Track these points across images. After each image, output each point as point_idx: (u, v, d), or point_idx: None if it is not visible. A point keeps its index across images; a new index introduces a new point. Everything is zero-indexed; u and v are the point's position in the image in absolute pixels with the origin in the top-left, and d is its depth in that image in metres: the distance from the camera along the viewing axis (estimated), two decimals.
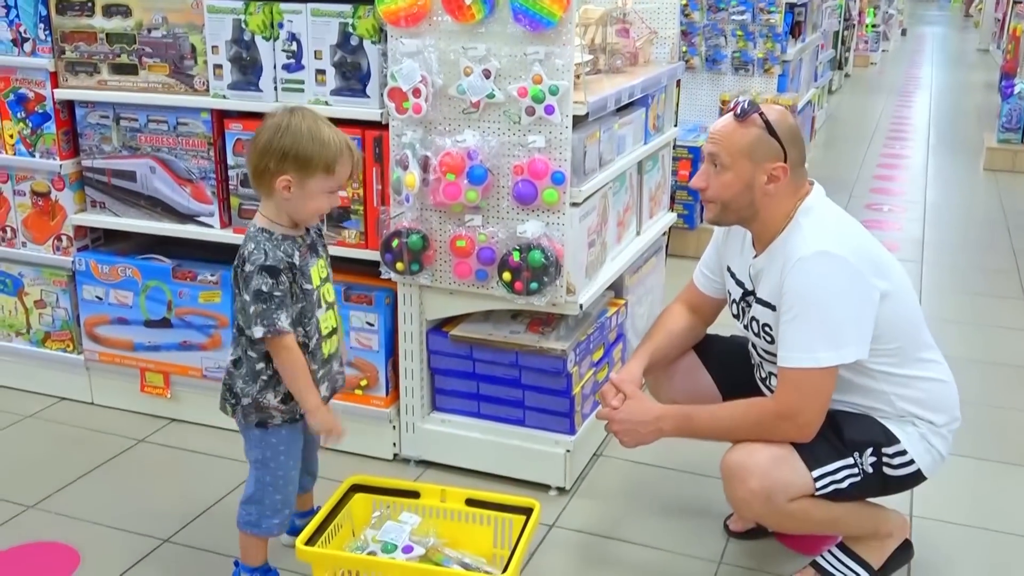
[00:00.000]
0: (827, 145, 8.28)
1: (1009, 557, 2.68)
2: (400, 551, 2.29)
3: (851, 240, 2.29)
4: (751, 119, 2.27)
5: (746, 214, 2.33)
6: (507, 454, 2.91)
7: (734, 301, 2.51)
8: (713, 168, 2.32)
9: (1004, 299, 4.70)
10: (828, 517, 2.37)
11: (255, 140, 2.15)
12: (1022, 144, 7.42)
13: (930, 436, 2.34)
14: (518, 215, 2.66)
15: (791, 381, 2.24)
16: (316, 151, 2.11)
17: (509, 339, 2.84)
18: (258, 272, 2.11)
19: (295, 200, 2.15)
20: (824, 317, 2.20)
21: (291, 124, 2.11)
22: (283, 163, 2.11)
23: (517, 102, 2.56)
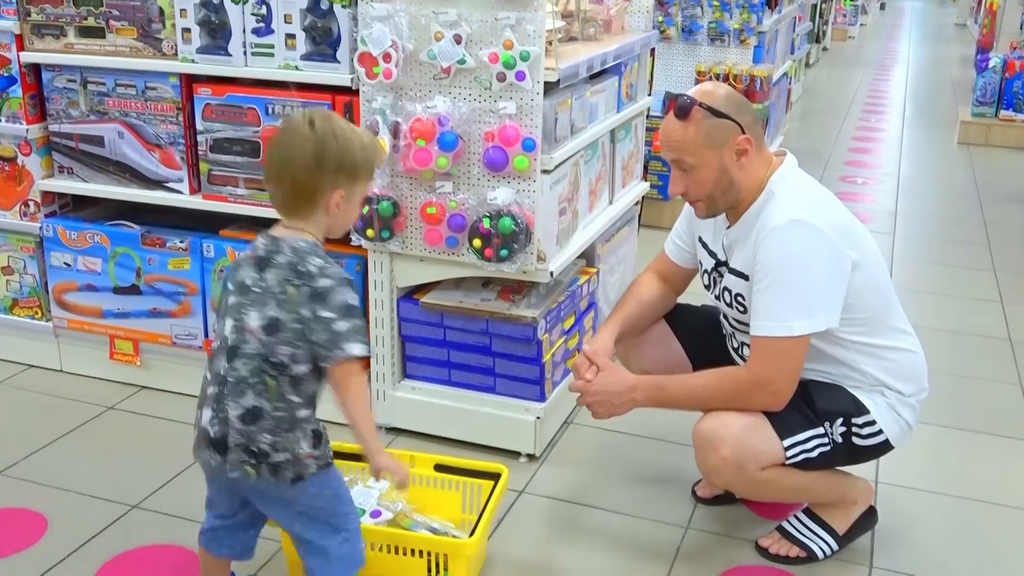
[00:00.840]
0: (804, 118, 8.30)
1: (971, 522, 2.72)
2: (368, 515, 2.30)
3: (824, 210, 2.30)
4: (693, 112, 2.25)
5: (733, 195, 2.32)
6: (478, 421, 2.92)
7: (706, 271, 2.52)
8: (682, 171, 2.31)
9: (974, 271, 4.74)
10: (797, 485, 2.40)
11: (291, 156, 1.88)
12: (996, 118, 7.46)
13: (898, 406, 2.37)
14: (489, 182, 2.65)
15: (764, 350, 2.25)
16: (363, 157, 1.93)
17: (480, 306, 2.84)
18: (341, 285, 1.87)
19: (343, 213, 1.95)
20: (797, 286, 2.21)
21: (333, 132, 1.89)
22: (338, 176, 1.90)
23: (488, 68, 2.55)
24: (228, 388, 1.89)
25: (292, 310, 1.86)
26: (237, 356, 1.88)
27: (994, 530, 2.68)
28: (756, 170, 2.32)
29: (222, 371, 1.90)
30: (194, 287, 3.09)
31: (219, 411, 1.90)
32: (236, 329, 1.89)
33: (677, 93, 2.31)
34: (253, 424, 1.87)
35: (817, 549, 2.50)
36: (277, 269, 1.88)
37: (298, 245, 1.90)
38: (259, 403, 1.87)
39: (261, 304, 1.88)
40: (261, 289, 1.89)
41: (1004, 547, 2.61)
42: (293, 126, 1.91)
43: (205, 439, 1.93)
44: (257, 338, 1.87)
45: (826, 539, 2.51)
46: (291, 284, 1.87)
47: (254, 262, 1.92)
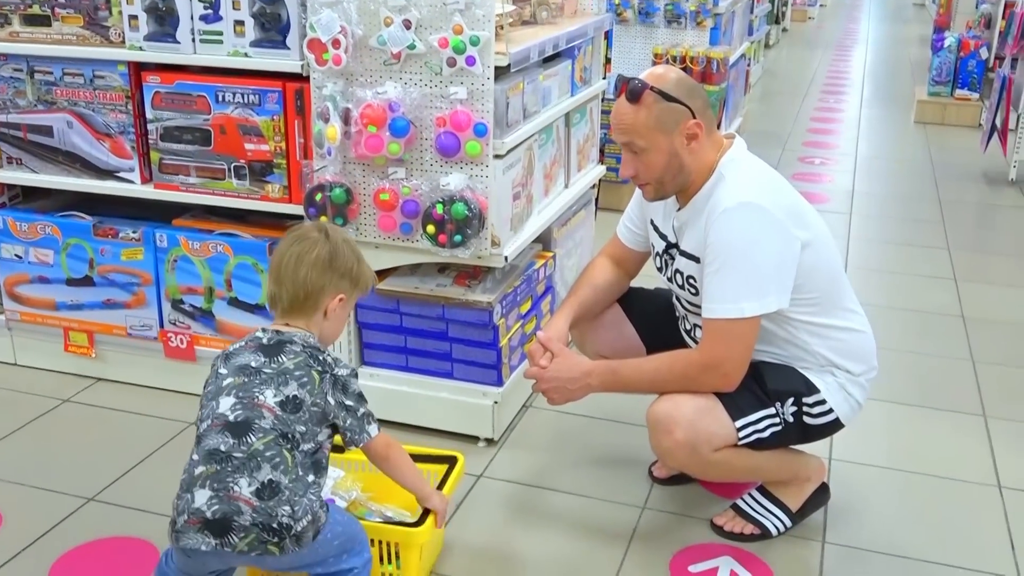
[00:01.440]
0: (763, 99, 8.35)
1: (923, 496, 2.77)
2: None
3: (773, 192, 2.31)
4: (644, 96, 2.26)
5: (683, 179, 2.33)
6: (436, 407, 2.93)
7: (658, 254, 2.54)
8: (633, 154, 2.32)
9: (928, 248, 4.80)
10: (750, 465, 2.43)
11: (305, 257, 2.02)
12: (951, 97, 7.54)
13: (848, 385, 2.40)
14: (441, 167, 2.65)
15: (715, 332, 2.27)
16: (365, 268, 2.12)
17: (435, 292, 2.84)
18: (352, 375, 2.03)
19: (336, 320, 2.09)
20: (747, 268, 2.23)
21: (345, 239, 2.10)
22: (342, 281, 2.07)
23: (438, 53, 2.54)
24: (235, 464, 1.85)
25: (315, 393, 1.95)
26: (249, 431, 1.87)
27: (946, 504, 2.73)
28: (706, 154, 2.33)
29: (224, 448, 1.86)
30: (148, 277, 3.07)
31: (220, 490, 1.84)
32: (244, 406, 1.90)
33: (628, 76, 2.31)
34: (271, 499, 1.84)
35: (771, 526, 2.53)
36: (294, 355, 1.97)
37: (308, 341, 2.02)
38: (276, 476, 1.85)
39: (278, 383, 1.93)
40: (274, 370, 1.94)
41: (955, 521, 2.66)
42: (306, 231, 2.08)
43: (199, 521, 1.84)
44: (274, 414, 1.90)
45: (779, 516, 2.54)
46: (313, 369, 1.96)
47: (258, 350, 1.98)
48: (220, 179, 2.89)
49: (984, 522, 2.66)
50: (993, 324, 3.93)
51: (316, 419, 1.95)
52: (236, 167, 2.87)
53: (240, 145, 2.84)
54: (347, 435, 2.02)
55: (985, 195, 5.80)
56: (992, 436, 3.08)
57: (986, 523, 2.65)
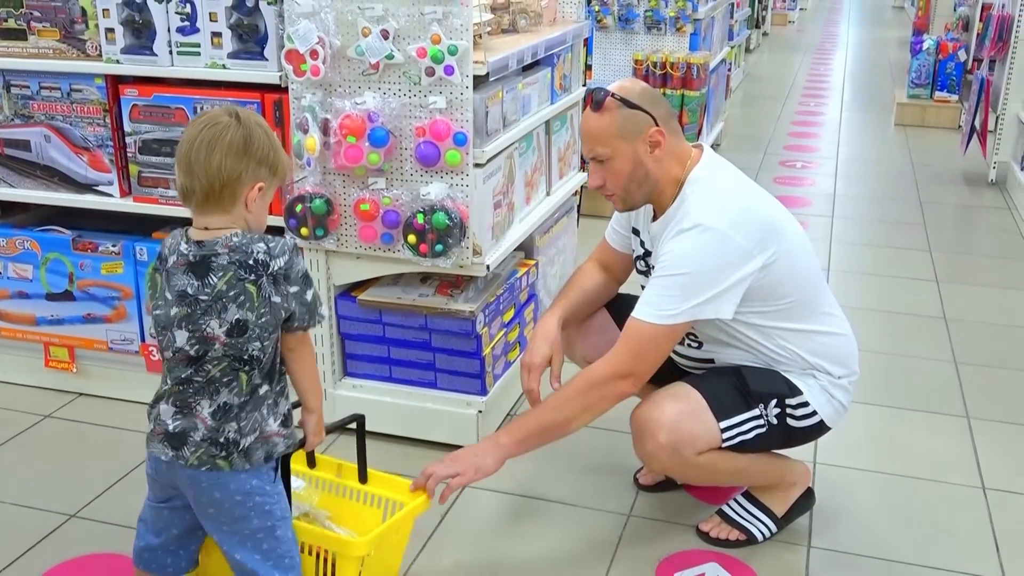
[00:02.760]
0: (744, 103, 8.38)
1: (908, 499, 2.77)
2: None
3: (734, 211, 2.28)
4: (607, 104, 2.28)
5: (648, 188, 2.34)
6: (420, 417, 2.92)
7: (638, 258, 2.54)
8: (599, 163, 2.33)
9: (910, 251, 4.82)
10: (734, 468, 2.43)
11: (217, 142, 1.83)
12: (931, 99, 7.59)
13: (831, 388, 2.41)
14: (421, 177, 2.65)
15: (632, 335, 2.27)
16: (283, 155, 1.94)
17: (418, 302, 2.83)
18: (295, 254, 1.88)
19: (258, 211, 1.91)
20: (683, 278, 2.23)
21: (259, 123, 1.90)
22: (260, 168, 1.87)
23: (416, 63, 2.54)
24: (196, 388, 1.88)
25: (256, 307, 1.84)
26: (206, 361, 1.86)
27: (930, 507, 2.74)
28: (672, 164, 2.33)
29: (184, 375, 1.88)
30: (128, 291, 3.05)
31: (183, 407, 1.89)
32: (197, 340, 1.85)
33: (594, 88, 2.34)
34: (224, 419, 1.88)
35: (756, 532, 2.53)
36: (222, 271, 1.83)
37: (232, 242, 1.84)
38: (230, 399, 1.87)
39: (218, 311, 1.83)
40: (209, 296, 1.83)
41: (941, 523, 2.66)
42: (216, 115, 1.87)
43: (162, 432, 1.91)
44: (222, 343, 1.84)
45: (765, 521, 2.54)
46: (246, 281, 1.83)
47: (187, 268, 1.84)
48: None
49: (969, 524, 2.66)
50: (975, 325, 3.94)
51: (270, 327, 1.86)
52: None
53: None
54: (295, 323, 1.90)
55: (965, 197, 5.83)
56: (975, 437, 3.09)
57: (971, 525, 2.66)
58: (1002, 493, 2.79)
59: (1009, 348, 3.76)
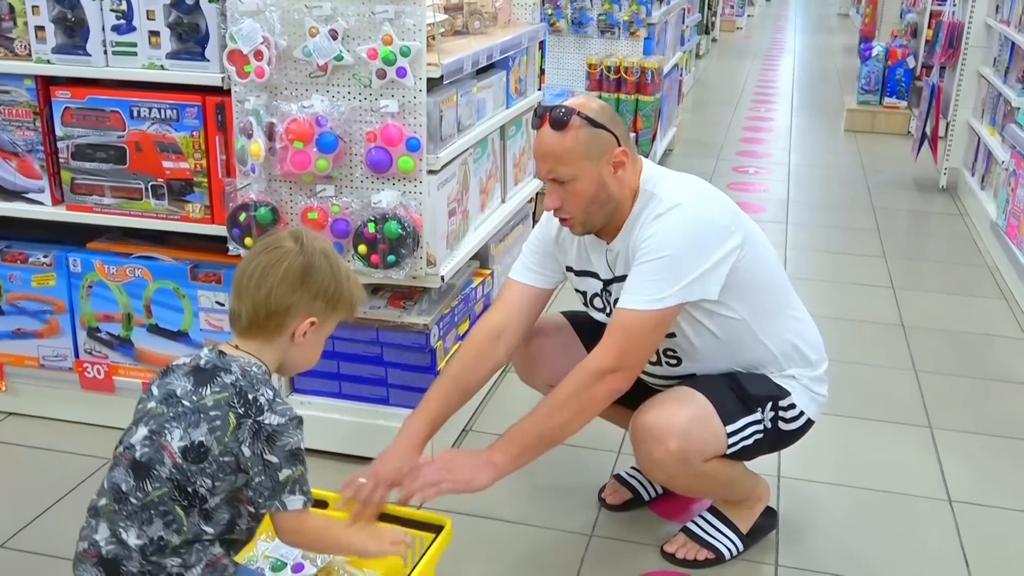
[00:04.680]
0: (695, 109, 8.36)
1: (874, 513, 2.71)
2: (289, 569, 2.11)
3: (704, 190, 2.28)
4: (571, 123, 2.15)
5: (609, 209, 2.23)
6: (372, 434, 2.79)
7: (596, 295, 2.40)
8: (559, 185, 2.19)
9: (865, 257, 4.80)
10: (730, 477, 2.37)
11: (272, 269, 1.71)
12: (880, 105, 7.62)
13: (812, 385, 2.37)
14: (372, 184, 2.53)
15: (620, 326, 2.15)
16: (347, 288, 1.78)
17: (368, 315, 2.71)
18: (294, 426, 1.67)
19: (308, 345, 1.78)
20: (665, 260, 2.13)
21: (323, 251, 1.76)
22: (315, 301, 1.74)
23: (367, 64, 2.42)
24: (129, 511, 1.64)
25: (225, 441, 1.64)
26: (147, 477, 1.64)
27: (897, 521, 2.68)
28: (629, 180, 2.25)
29: (124, 488, 1.65)
30: (61, 305, 2.89)
31: (115, 532, 1.65)
32: (150, 444, 1.65)
33: (550, 105, 2.22)
34: (157, 555, 1.64)
35: (724, 549, 2.45)
36: (219, 389, 1.67)
37: (250, 370, 1.69)
38: (167, 535, 1.64)
39: (188, 423, 1.65)
40: (192, 404, 1.66)
41: (909, 538, 2.60)
42: (278, 239, 1.76)
43: (95, 555, 1.65)
44: (173, 461, 1.63)
45: (732, 539, 2.46)
46: (233, 411, 1.65)
47: (191, 372, 1.71)
48: (137, 199, 2.73)
49: (937, 539, 2.60)
50: (933, 332, 3.92)
51: (229, 470, 1.66)
52: (154, 186, 2.71)
53: (158, 163, 2.68)
54: (251, 494, 1.68)
55: (917, 202, 5.84)
56: (939, 448, 3.04)
57: (939, 540, 2.60)
58: (968, 506, 2.74)
59: (967, 356, 3.73)
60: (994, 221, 4.77)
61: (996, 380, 3.54)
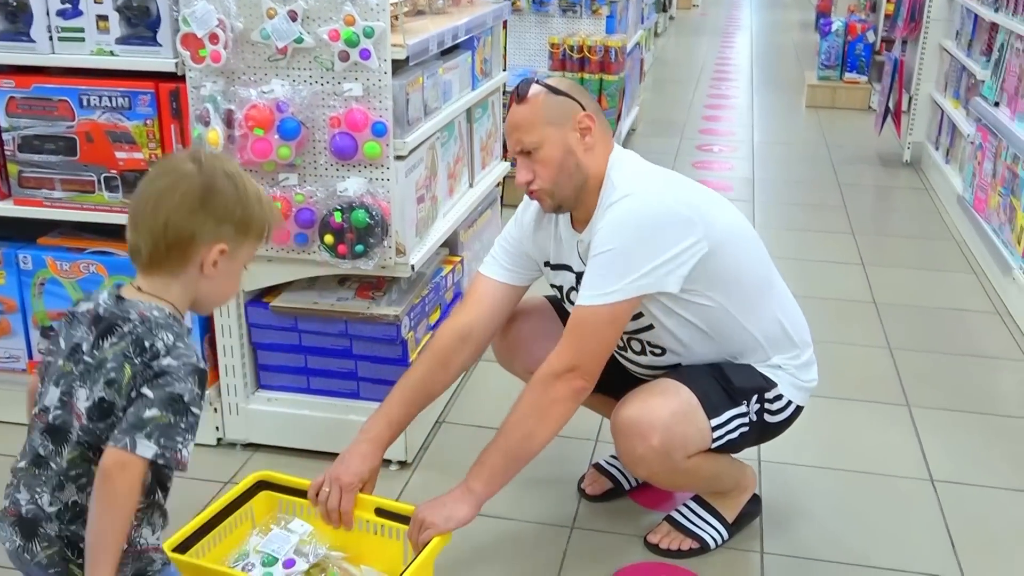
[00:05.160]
0: (656, 88, 8.30)
1: (857, 496, 2.67)
2: (280, 565, 2.03)
3: (660, 179, 2.22)
4: (532, 92, 2.15)
5: (579, 180, 2.16)
6: (342, 430, 2.68)
7: (572, 288, 2.32)
8: (528, 156, 2.15)
9: (834, 234, 4.77)
10: (713, 472, 2.32)
11: (167, 193, 1.55)
12: (841, 81, 7.61)
13: (799, 373, 2.31)
14: (338, 172, 2.43)
15: (573, 325, 2.09)
16: (258, 210, 1.61)
17: (336, 307, 2.61)
18: (189, 373, 1.52)
19: (219, 278, 1.61)
20: (615, 256, 2.06)
21: (225, 170, 1.59)
22: (222, 226, 1.57)
23: (329, 47, 2.32)
24: (47, 475, 1.55)
25: (124, 393, 1.51)
26: (62, 441, 1.55)
27: (881, 503, 2.64)
28: (600, 156, 2.19)
29: (42, 452, 1.56)
30: (12, 304, 2.76)
31: (34, 496, 1.57)
32: (62, 407, 1.56)
33: (518, 82, 2.20)
34: (74, 523, 1.54)
35: (708, 538, 2.40)
36: (119, 341, 1.53)
37: (150, 314, 1.55)
38: (80, 499, 1.53)
39: (91, 380, 1.53)
40: (94, 361, 1.54)
41: (893, 520, 2.57)
42: (173, 162, 1.60)
43: (14, 514, 1.58)
44: (80, 423, 1.53)
45: (717, 527, 2.41)
46: (129, 362, 1.52)
47: (92, 322, 1.57)
48: (89, 192, 2.60)
49: (922, 520, 2.57)
50: (904, 309, 3.89)
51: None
52: (107, 178, 2.58)
53: (110, 154, 2.55)
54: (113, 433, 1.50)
55: (882, 177, 5.83)
56: (918, 427, 3.01)
57: (924, 521, 2.57)
58: (951, 485, 2.71)
59: (940, 332, 3.71)
60: (961, 195, 4.76)
61: (970, 356, 3.52)
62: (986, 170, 4.37)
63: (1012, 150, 4.00)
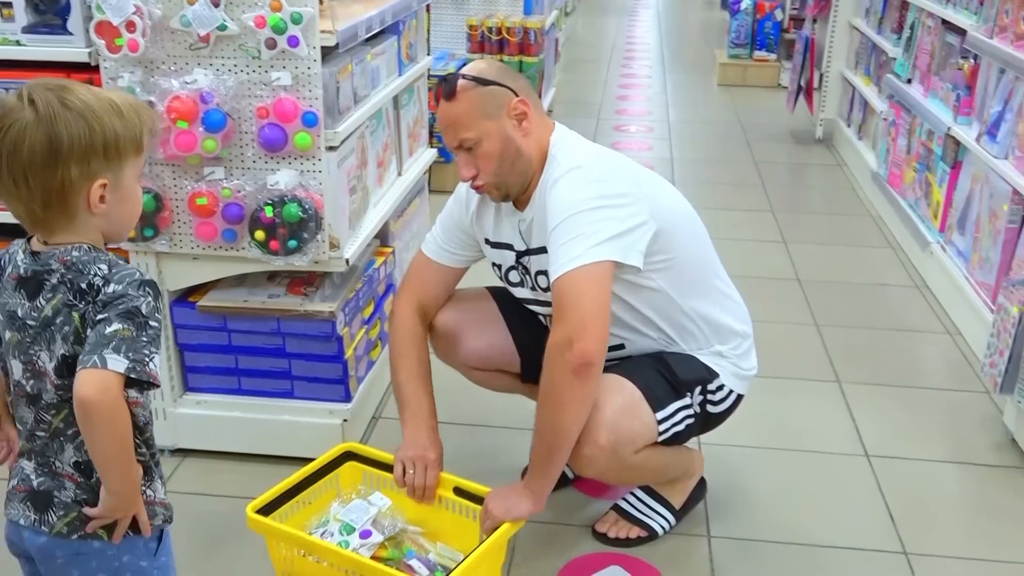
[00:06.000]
0: (569, 68, 8.27)
1: (796, 474, 2.70)
2: (357, 534, 2.07)
3: (606, 158, 2.21)
4: (460, 87, 2.10)
5: (522, 167, 2.14)
6: (277, 431, 2.62)
7: (511, 268, 2.30)
8: (467, 152, 2.12)
9: (753, 212, 4.82)
10: (661, 464, 2.30)
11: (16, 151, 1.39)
12: (751, 59, 7.70)
13: (740, 362, 2.32)
14: (267, 164, 2.33)
15: (561, 296, 2.01)
16: (121, 125, 1.44)
17: (268, 304, 2.52)
18: (137, 287, 1.43)
19: (116, 207, 1.48)
20: (579, 220, 2.02)
21: (64, 103, 1.40)
22: (89, 163, 1.41)
23: (255, 33, 2.22)
24: (44, 444, 1.52)
25: (82, 340, 1.43)
26: (45, 407, 1.50)
27: (820, 481, 2.68)
28: (541, 138, 2.17)
29: (30, 423, 1.52)
30: None
31: (44, 464, 1.53)
32: (32, 374, 1.50)
33: (441, 77, 2.15)
34: (90, 478, 1.50)
35: (656, 526, 2.39)
36: (53, 295, 1.45)
37: (71, 256, 1.45)
38: (83, 458, 1.50)
39: (46, 341, 1.46)
40: (37, 323, 1.47)
41: (833, 498, 2.61)
42: (7, 112, 1.40)
43: (24, 490, 1.54)
44: (52, 383, 1.48)
45: (664, 515, 2.41)
46: (74, 309, 1.44)
47: (19, 286, 1.48)
48: None
49: (860, 496, 2.61)
50: (827, 285, 3.95)
51: None
52: None
53: None
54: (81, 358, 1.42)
55: (796, 155, 5.91)
56: (850, 402, 3.06)
57: (862, 497, 2.61)
58: (885, 460, 2.76)
59: (863, 306, 3.78)
60: (875, 171, 4.85)
61: (893, 330, 3.59)
62: (900, 146, 4.46)
63: (927, 126, 4.09)
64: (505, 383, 2.52)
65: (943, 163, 3.87)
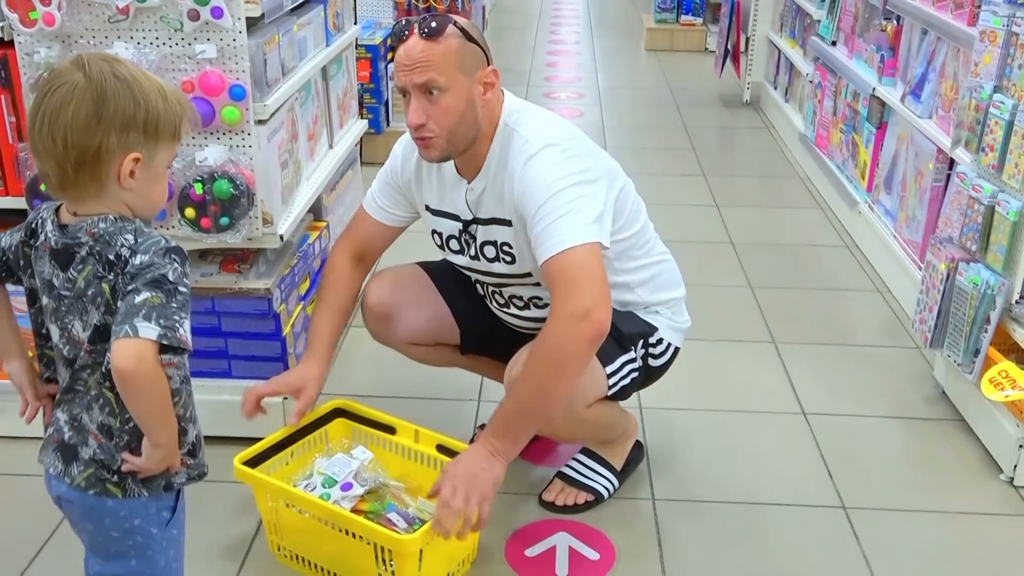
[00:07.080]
0: (496, 35, 8.22)
1: (736, 435, 2.74)
2: (338, 487, 2.11)
3: (568, 130, 2.18)
4: (447, 30, 2.01)
5: (472, 135, 2.09)
6: (215, 412, 2.54)
7: (452, 237, 2.27)
8: (428, 97, 2.01)
9: (685, 177, 4.85)
10: (609, 419, 2.34)
11: (59, 112, 1.42)
12: (678, 23, 7.73)
13: (675, 316, 2.36)
14: (195, 140, 2.27)
15: (560, 271, 1.99)
16: (164, 108, 1.48)
17: (201, 283, 2.47)
18: (164, 255, 1.46)
19: (143, 187, 1.50)
20: (570, 203, 2.01)
21: (115, 73, 1.44)
22: (127, 134, 1.44)
23: (176, 5, 2.15)
24: (78, 400, 1.57)
25: (114, 310, 1.47)
26: (76, 369, 1.55)
27: (759, 440, 2.72)
28: (494, 111, 2.13)
29: (67, 382, 1.57)
30: None
31: (75, 419, 1.57)
32: (68, 341, 1.54)
33: (426, 15, 2.05)
34: (110, 440, 1.55)
35: (602, 489, 2.41)
36: (83, 266, 1.49)
37: (98, 227, 1.47)
38: (106, 420, 1.54)
39: (80, 311, 1.51)
40: (71, 293, 1.51)
41: (773, 456, 2.65)
42: (58, 75, 1.44)
43: (57, 440, 1.59)
44: (85, 350, 1.52)
45: (608, 476, 2.43)
46: (105, 280, 1.47)
47: (51, 256, 1.51)
48: None
49: (799, 453, 2.66)
50: (760, 247, 4.00)
51: None
52: None
53: None
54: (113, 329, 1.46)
55: (725, 118, 5.97)
56: (786, 362, 3.11)
57: (801, 454, 2.66)
58: (821, 417, 2.82)
59: (794, 267, 3.84)
60: (803, 133, 4.92)
61: (825, 289, 3.66)
62: (826, 108, 4.52)
63: (852, 87, 4.15)
64: (445, 356, 2.51)
65: (869, 124, 3.94)
